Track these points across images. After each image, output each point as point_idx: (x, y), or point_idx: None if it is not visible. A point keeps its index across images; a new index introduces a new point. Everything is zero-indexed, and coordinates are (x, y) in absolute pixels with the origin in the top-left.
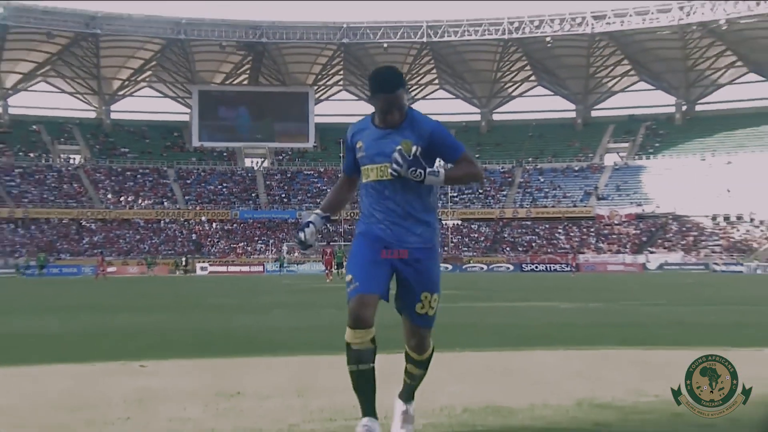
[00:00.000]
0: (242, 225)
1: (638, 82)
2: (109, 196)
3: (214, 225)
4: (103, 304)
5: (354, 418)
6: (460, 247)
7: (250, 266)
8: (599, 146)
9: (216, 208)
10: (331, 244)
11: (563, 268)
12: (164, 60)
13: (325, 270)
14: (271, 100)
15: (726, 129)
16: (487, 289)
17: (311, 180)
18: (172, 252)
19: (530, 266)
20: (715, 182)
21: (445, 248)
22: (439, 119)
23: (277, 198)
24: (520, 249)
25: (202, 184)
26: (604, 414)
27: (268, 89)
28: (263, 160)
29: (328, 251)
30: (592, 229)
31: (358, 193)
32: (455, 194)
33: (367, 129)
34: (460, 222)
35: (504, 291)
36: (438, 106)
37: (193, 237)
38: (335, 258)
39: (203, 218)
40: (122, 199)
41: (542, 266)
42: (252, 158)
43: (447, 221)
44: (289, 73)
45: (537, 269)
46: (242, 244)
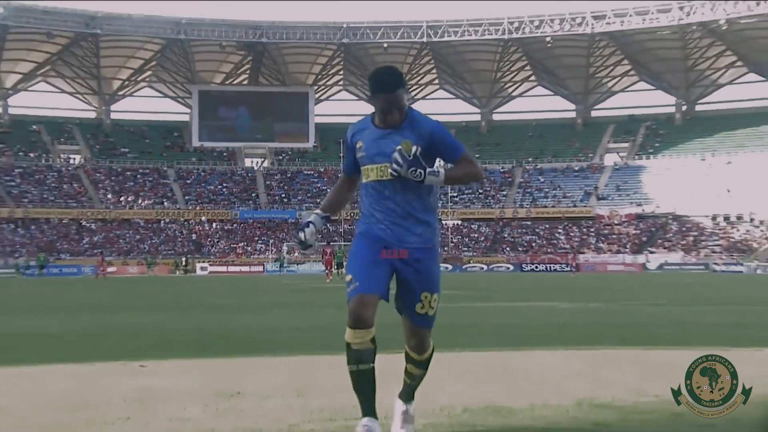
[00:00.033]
0: (242, 225)
1: (638, 82)
2: (109, 196)
3: (214, 225)
4: (103, 304)
5: (354, 418)
6: (460, 247)
7: (250, 266)
8: (599, 146)
9: (216, 208)
10: (331, 244)
11: (563, 268)
12: (164, 60)
13: (325, 270)
14: (271, 100)
15: (726, 129)
16: (487, 289)
17: (311, 180)
18: (172, 252)
19: (530, 266)
20: (715, 182)
21: (445, 248)
22: (439, 119)
23: (277, 198)
24: (520, 249)
25: (202, 184)
26: (604, 414)
27: (268, 89)
28: (263, 160)
29: (328, 251)
30: (592, 229)
31: (358, 193)
32: (455, 194)
33: (367, 129)
34: (460, 222)
35: (504, 291)
36: (438, 106)
37: (193, 237)
38: (335, 258)
39: (203, 218)
40: (122, 199)
41: (542, 266)
42: (252, 158)
43: (447, 221)
44: (289, 73)
45: (537, 269)
46: (242, 244)
